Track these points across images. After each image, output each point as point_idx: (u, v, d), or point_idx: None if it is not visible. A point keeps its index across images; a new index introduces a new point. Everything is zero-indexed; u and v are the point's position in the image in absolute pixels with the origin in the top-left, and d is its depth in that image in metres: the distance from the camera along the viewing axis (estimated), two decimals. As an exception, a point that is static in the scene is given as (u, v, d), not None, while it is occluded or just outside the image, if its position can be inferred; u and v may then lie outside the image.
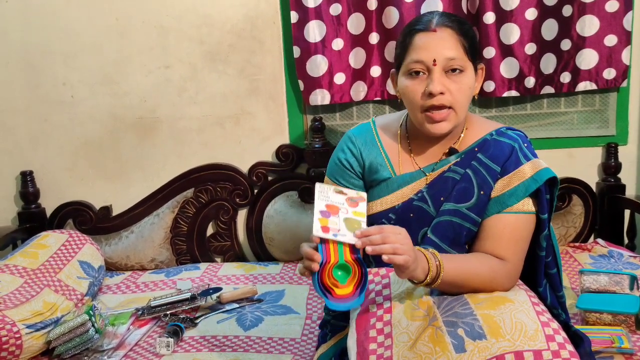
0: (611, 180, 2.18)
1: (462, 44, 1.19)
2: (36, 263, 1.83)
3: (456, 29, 1.20)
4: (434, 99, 1.19)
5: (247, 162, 2.27)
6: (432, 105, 1.19)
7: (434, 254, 1.12)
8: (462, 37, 1.20)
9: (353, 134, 1.36)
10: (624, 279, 1.61)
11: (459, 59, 1.18)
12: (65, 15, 2.19)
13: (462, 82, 1.19)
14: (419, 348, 1.05)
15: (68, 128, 2.27)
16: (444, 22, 1.20)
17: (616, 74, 2.06)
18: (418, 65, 1.20)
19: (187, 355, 1.55)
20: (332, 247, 1.03)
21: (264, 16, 2.18)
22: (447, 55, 1.18)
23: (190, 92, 2.24)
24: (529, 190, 1.21)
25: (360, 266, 1.03)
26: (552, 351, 0.98)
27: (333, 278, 1.02)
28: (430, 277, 1.09)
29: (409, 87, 1.22)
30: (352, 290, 1.02)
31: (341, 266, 1.03)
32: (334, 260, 1.02)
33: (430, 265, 1.09)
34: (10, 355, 1.49)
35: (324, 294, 1.01)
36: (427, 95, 1.19)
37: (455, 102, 1.20)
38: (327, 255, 1.02)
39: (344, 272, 1.03)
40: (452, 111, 1.20)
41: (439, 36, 1.19)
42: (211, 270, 2.15)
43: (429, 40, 1.19)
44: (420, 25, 1.22)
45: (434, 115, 1.20)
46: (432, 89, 1.18)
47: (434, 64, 1.18)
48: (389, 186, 1.30)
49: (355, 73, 2.15)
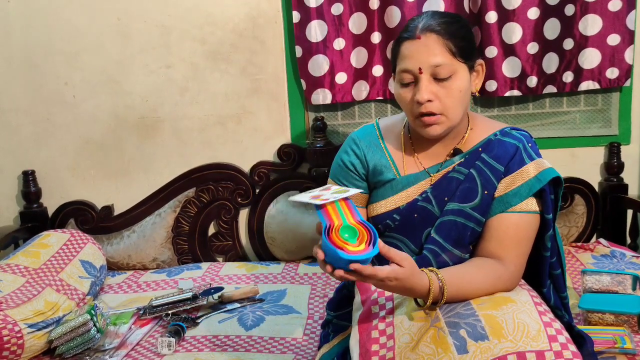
0: (614, 180, 2.18)
1: (448, 47, 1.17)
2: (38, 262, 1.83)
3: (442, 33, 1.17)
4: (422, 107, 1.19)
5: (248, 161, 2.27)
6: (421, 113, 1.20)
7: (439, 277, 1.10)
8: (449, 40, 1.17)
9: (357, 136, 1.36)
10: (626, 279, 1.60)
11: (446, 65, 1.17)
12: (68, 15, 2.19)
13: (451, 87, 1.19)
14: (421, 349, 1.05)
15: (70, 128, 2.28)
16: (429, 26, 1.18)
17: (619, 73, 2.05)
18: (406, 76, 1.20)
19: (189, 355, 1.55)
20: (331, 210, 1.03)
21: (265, 16, 2.18)
22: (433, 63, 1.17)
23: (192, 92, 2.24)
24: (532, 190, 1.20)
25: (365, 226, 1.02)
26: (554, 352, 0.97)
27: (342, 240, 1.00)
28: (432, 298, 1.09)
29: (401, 95, 1.23)
30: (365, 248, 1.00)
31: (347, 228, 1.02)
32: (338, 223, 1.02)
33: (433, 287, 1.08)
34: (12, 354, 1.49)
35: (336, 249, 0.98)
36: (416, 103, 1.20)
37: (444, 108, 1.19)
38: (329, 219, 1.02)
39: (350, 233, 1.01)
40: (443, 117, 1.20)
41: (423, 43, 1.18)
42: (213, 270, 2.15)
43: (414, 49, 1.18)
44: (407, 32, 1.21)
45: (424, 120, 1.21)
46: (418, 97, 1.18)
47: (420, 72, 1.18)
48: (394, 187, 1.30)
49: (357, 72, 2.15)
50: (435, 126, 1.21)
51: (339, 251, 0.97)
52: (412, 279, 1.04)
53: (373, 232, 1.01)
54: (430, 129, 1.22)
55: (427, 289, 1.07)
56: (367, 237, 1.01)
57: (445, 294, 1.09)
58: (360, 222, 1.03)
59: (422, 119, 1.21)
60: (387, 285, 1.04)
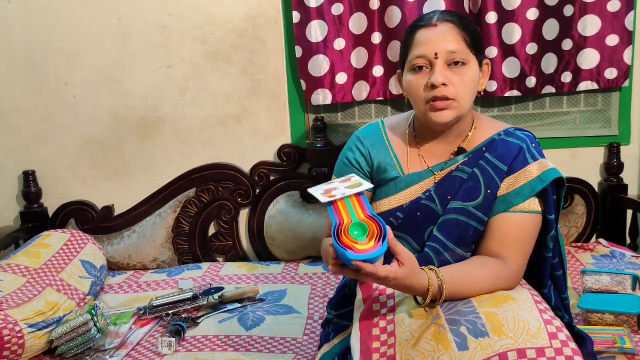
0: (613, 180, 2.18)
1: (463, 37, 1.21)
2: (38, 262, 1.83)
3: (457, 23, 1.22)
4: (436, 90, 1.20)
5: (248, 161, 2.27)
6: (434, 97, 1.20)
7: (438, 276, 1.10)
8: (463, 31, 1.21)
9: (362, 134, 1.37)
10: (626, 279, 1.60)
11: (460, 52, 1.20)
12: (68, 15, 2.20)
13: (464, 75, 1.20)
14: (421, 346, 1.05)
15: (70, 128, 2.28)
16: (444, 17, 1.23)
17: (618, 73, 2.06)
18: (421, 60, 1.21)
19: (189, 354, 1.55)
20: (341, 207, 1.03)
21: (265, 16, 2.19)
22: (449, 48, 1.19)
23: (192, 92, 2.25)
24: (535, 189, 1.21)
25: (376, 221, 1.02)
26: (554, 348, 0.98)
27: (351, 238, 1.00)
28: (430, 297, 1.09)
29: (412, 82, 1.23)
30: (374, 245, 1.00)
31: (356, 225, 1.02)
32: (348, 220, 1.02)
33: (432, 287, 1.08)
34: (12, 354, 1.49)
35: (345, 250, 0.98)
36: (430, 87, 1.20)
37: (457, 94, 1.20)
38: (339, 217, 1.02)
39: (360, 230, 1.01)
40: (455, 102, 1.21)
41: (440, 30, 1.21)
42: (213, 270, 2.15)
43: (430, 35, 1.21)
44: (422, 22, 1.24)
45: (436, 104, 1.21)
46: (433, 80, 1.19)
47: (436, 57, 1.19)
48: (397, 185, 1.30)
49: (357, 73, 2.15)
50: (447, 111, 1.21)
51: (346, 251, 0.98)
52: (411, 278, 1.05)
53: (383, 227, 1.01)
54: (440, 114, 1.21)
55: (426, 287, 1.08)
56: (377, 232, 1.01)
57: (444, 292, 1.09)
58: (370, 217, 1.02)
59: (434, 104, 1.21)
60: (386, 283, 1.05)
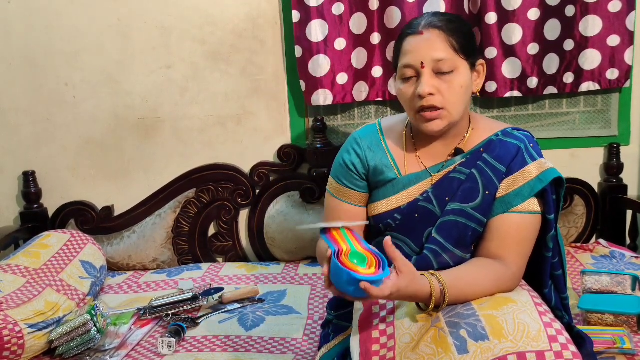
0: (613, 181, 2.18)
1: (450, 43, 1.19)
2: (38, 263, 1.83)
3: (444, 29, 1.19)
4: (424, 101, 1.19)
5: (248, 162, 2.27)
6: (422, 107, 1.20)
7: (440, 281, 1.10)
8: (451, 37, 1.19)
9: (359, 136, 1.37)
10: (625, 279, 1.60)
11: (448, 60, 1.18)
12: (68, 16, 2.19)
13: (453, 82, 1.19)
14: (421, 349, 1.05)
15: (70, 128, 2.28)
16: (431, 23, 1.20)
17: (619, 74, 2.05)
18: (408, 71, 1.21)
19: (189, 355, 1.55)
20: (337, 236, 1.04)
21: (265, 16, 2.18)
22: (435, 57, 1.18)
23: (192, 92, 2.24)
24: (534, 190, 1.21)
25: (374, 254, 1.03)
26: (554, 352, 0.98)
27: (352, 264, 1.01)
28: (434, 302, 1.10)
29: (402, 90, 1.24)
30: (375, 271, 1.01)
31: (355, 254, 1.02)
32: (347, 249, 1.02)
33: (435, 292, 1.09)
34: (12, 355, 1.49)
35: (349, 271, 0.98)
36: (418, 97, 1.20)
37: (446, 102, 1.20)
38: (336, 244, 1.03)
39: (359, 259, 1.02)
40: (445, 111, 1.21)
41: (425, 38, 1.19)
42: (213, 271, 2.15)
43: (416, 43, 1.20)
44: (410, 29, 1.23)
45: (426, 114, 1.21)
46: (420, 91, 1.19)
47: (422, 67, 1.19)
48: (395, 186, 1.30)
49: (357, 73, 2.15)
50: (437, 121, 1.21)
51: (352, 272, 0.98)
52: (412, 286, 1.05)
53: (381, 259, 1.02)
54: (431, 124, 1.22)
55: (428, 293, 1.08)
56: (375, 263, 1.02)
57: (447, 297, 1.09)
58: (368, 250, 1.03)
59: (423, 114, 1.21)
60: (390, 298, 1.05)
